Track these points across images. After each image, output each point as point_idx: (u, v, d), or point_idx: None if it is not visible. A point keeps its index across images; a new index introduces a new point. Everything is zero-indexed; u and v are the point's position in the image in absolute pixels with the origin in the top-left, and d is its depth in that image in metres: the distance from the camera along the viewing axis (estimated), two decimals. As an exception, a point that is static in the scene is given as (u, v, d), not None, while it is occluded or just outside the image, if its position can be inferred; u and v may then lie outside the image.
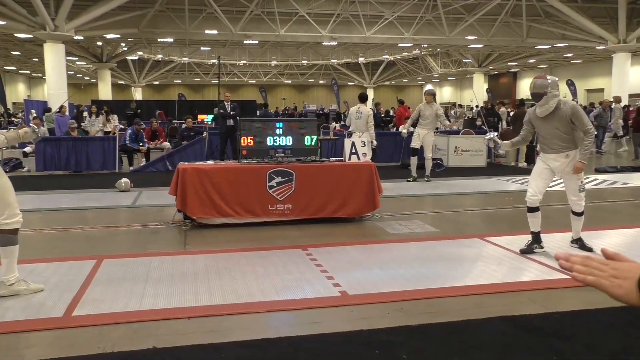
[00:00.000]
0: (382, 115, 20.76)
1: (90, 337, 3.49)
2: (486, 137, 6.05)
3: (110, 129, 15.21)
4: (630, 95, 25.28)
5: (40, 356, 3.23)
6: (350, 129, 10.60)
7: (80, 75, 45.31)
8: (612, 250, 1.20)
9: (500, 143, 5.79)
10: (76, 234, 6.49)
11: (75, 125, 13.27)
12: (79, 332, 3.58)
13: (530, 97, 5.47)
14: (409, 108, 19.30)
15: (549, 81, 5.23)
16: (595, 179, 10.69)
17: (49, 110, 17.63)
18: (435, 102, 11.01)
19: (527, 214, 5.52)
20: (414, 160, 10.82)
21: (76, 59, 35.18)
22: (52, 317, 3.81)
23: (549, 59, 36.75)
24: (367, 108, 10.47)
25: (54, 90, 20.78)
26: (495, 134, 5.96)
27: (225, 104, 12.76)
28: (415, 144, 10.64)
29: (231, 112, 12.49)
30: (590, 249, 5.46)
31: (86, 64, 38.02)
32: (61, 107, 15.52)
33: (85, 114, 18.87)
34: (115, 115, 17.30)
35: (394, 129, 18.37)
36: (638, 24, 24.08)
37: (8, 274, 4.21)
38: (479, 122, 17.56)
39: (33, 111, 18.57)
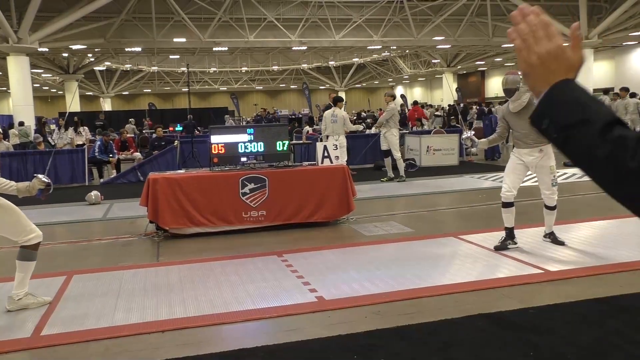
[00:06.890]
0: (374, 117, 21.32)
1: (60, 357, 3.38)
2: (463, 136, 6.09)
3: (82, 142, 14.87)
4: (594, 90, 25.86)
5: (7, 379, 3.12)
6: (326, 132, 10.55)
7: (47, 88, 44.37)
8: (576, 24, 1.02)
9: (477, 141, 5.84)
10: (45, 250, 6.24)
11: (41, 139, 12.94)
12: (49, 352, 3.47)
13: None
14: (422, 107, 20.01)
15: (521, 77, 5.30)
16: (565, 173, 10.88)
17: (22, 124, 17.01)
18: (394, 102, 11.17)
19: (501, 210, 5.57)
20: (387, 161, 10.97)
21: (42, 71, 34.41)
22: (19, 338, 3.68)
23: (515, 57, 37.08)
24: (342, 111, 10.59)
25: (20, 104, 20.23)
26: (472, 132, 6.00)
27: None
28: (383, 146, 10.86)
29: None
30: (562, 243, 5.54)
31: (52, 76, 37.24)
32: None
33: (53, 126, 18.47)
34: (86, 128, 16.97)
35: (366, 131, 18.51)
36: (599, 20, 24.66)
37: (19, 288, 4.19)
38: (453, 122, 17.76)
39: None
